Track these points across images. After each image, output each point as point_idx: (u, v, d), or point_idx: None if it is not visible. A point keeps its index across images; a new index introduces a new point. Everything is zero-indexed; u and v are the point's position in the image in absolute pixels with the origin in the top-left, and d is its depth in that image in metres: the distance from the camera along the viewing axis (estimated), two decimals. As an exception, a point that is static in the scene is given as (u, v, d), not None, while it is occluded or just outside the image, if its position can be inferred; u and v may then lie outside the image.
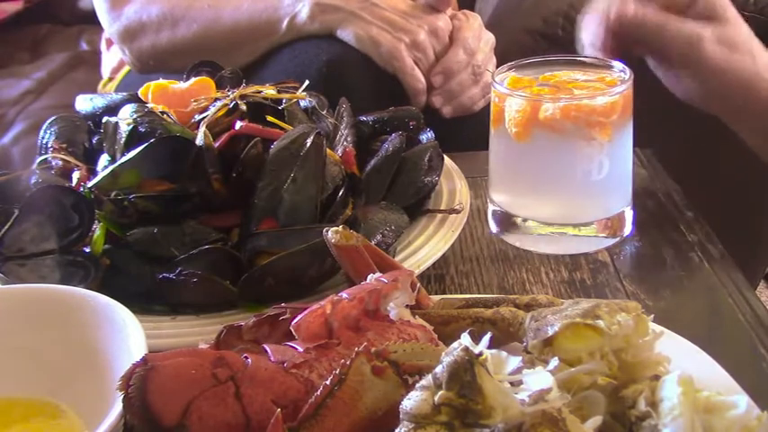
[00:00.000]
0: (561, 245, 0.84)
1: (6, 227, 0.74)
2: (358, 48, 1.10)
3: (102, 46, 1.58)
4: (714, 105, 0.90)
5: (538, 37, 1.27)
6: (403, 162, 0.87)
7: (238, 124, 0.81)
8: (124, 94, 0.96)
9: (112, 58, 1.49)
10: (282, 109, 0.87)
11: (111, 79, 1.47)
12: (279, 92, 0.89)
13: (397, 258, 0.76)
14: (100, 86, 1.51)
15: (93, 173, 0.83)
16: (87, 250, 0.75)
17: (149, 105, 0.86)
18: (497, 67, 0.87)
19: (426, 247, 0.79)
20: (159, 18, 1.20)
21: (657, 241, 0.85)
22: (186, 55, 1.14)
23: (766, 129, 0.89)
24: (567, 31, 1.21)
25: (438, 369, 0.44)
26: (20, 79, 1.86)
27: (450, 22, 1.13)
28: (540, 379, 0.45)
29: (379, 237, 0.76)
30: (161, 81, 0.91)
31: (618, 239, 0.85)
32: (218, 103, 0.84)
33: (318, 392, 0.48)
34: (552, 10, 1.27)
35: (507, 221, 0.86)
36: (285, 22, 1.13)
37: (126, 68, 1.41)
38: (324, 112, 0.91)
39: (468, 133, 1.07)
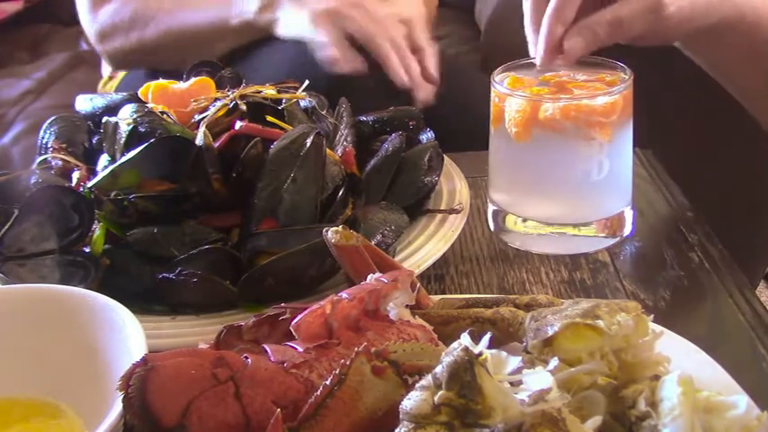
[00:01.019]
0: (561, 245, 0.84)
1: (6, 227, 0.73)
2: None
3: None
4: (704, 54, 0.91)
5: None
6: (403, 162, 0.87)
7: (238, 124, 0.81)
8: (124, 94, 0.96)
9: None
10: (282, 109, 0.87)
11: (111, 78, 1.47)
12: (279, 92, 0.89)
13: (397, 258, 0.76)
14: (100, 86, 1.50)
15: (93, 173, 0.83)
16: (87, 250, 0.75)
17: (149, 105, 0.86)
18: (499, 66, 0.87)
19: (426, 247, 0.79)
20: (130, 20, 1.25)
21: (657, 241, 0.85)
22: (154, 54, 1.21)
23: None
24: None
25: (438, 369, 0.44)
26: (20, 79, 1.86)
27: None
28: (539, 379, 0.45)
29: (378, 237, 0.76)
30: (161, 81, 0.91)
31: (618, 239, 0.85)
32: (218, 103, 0.84)
33: (318, 392, 0.48)
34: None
35: (507, 221, 0.86)
36: (236, 19, 1.17)
37: None
38: (324, 112, 0.91)
39: (468, 133, 1.07)
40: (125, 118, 0.83)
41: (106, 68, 1.51)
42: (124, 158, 0.78)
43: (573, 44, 0.82)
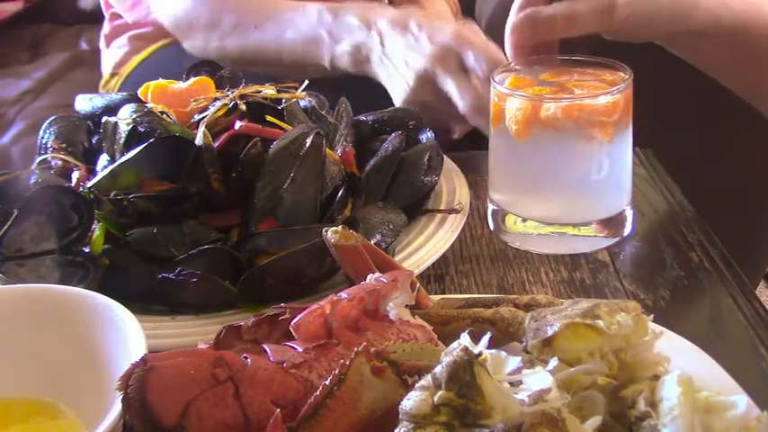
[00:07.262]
0: (561, 245, 0.84)
1: (6, 227, 0.73)
2: None
3: (101, 43, 1.56)
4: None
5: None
6: (402, 162, 0.87)
7: (238, 124, 0.81)
8: (124, 93, 0.96)
9: (114, 53, 1.47)
10: (282, 109, 0.87)
11: (114, 75, 1.46)
12: (278, 91, 0.89)
13: (397, 258, 0.76)
14: (102, 83, 1.49)
15: (92, 173, 0.83)
16: (87, 250, 0.75)
17: (149, 105, 0.86)
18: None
19: (426, 247, 0.79)
20: (207, 23, 1.19)
21: (657, 241, 0.85)
22: (242, 63, 1.14)
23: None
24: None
25: (437, 369, 0.44)
26: (20, 79, 1.87)
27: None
28: (539, 379, 0.45)
29: (378, 236, 0.76)
30: (161, 81, 0.91)
31: (618, 239, 0.84)
32: (218, 103, 0.84)
33: (318, 392, 0.48)
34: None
35: (507, 221, 0.86)
36: (327, 61, 1.12)
37: (131, 63, 1.40)
38: (323, 112, 0.91)
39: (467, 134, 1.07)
40: (124, 118, 0.83)
41: (107, 65, 1.50)
42: (124, 158, 0.78)
43: (521, 34, 0.85)
